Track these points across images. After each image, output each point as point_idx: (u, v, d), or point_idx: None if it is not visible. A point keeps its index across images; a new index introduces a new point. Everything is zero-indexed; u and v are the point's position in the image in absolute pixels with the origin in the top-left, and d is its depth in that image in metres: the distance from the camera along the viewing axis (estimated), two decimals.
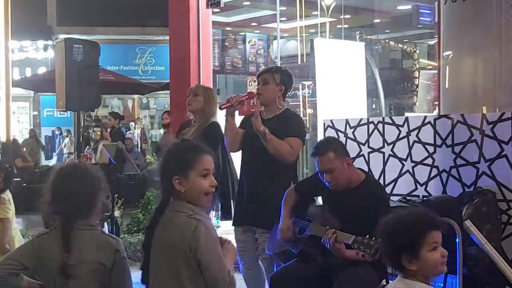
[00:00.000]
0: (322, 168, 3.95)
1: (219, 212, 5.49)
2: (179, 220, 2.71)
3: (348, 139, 5.73)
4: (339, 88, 7.95)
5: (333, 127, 5.92)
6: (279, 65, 6.32)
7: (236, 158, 5.12)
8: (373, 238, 3.53)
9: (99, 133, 12.23)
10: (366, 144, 5.62)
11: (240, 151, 4.78)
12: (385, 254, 2.69)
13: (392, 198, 5.33)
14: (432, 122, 5.19)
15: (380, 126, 5.55)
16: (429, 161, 5.21)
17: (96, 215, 2.98)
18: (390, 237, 2.61)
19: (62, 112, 12.37)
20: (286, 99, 4.82)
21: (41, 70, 16.95)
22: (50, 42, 16.57)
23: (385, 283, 4.05)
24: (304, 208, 4.24)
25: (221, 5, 7.90)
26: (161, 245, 2.73)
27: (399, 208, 3.90)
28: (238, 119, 4.90)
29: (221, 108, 4.93)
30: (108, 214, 5.87)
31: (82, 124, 8.57)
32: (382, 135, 5.52)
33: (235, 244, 2.94)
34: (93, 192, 2.93)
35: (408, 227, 2.56)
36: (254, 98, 4.72)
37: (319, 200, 4.50)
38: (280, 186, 4.39)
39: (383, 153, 5.51)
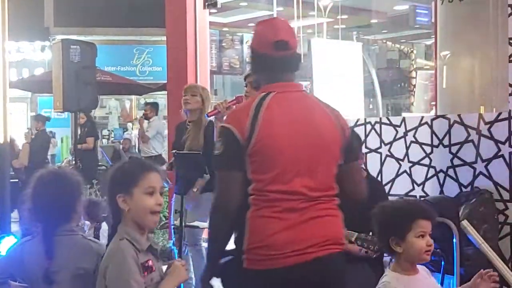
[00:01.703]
0: None
1: None
2: (111, 245, 2.68)
3: None
4: (336, 88, 7.95)
5: None
6: None
7: None
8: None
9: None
10: (363, 145, 5.62)
11: None
12: (377, 235, 2.95)
13: (389, 198, 5.34)
14: (429, 122, 5.20)
15: (377, 126, 5.55)
16: (426, 161, 5.22)
17: (77, 220, 2.99)
18: (383, 219, 2.83)
19: (59, 113, 12.33)
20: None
21: (38, 71, 16.92)
22: (47, 43, 16.54)
23: None
24: None
25: (218, 6, 7.88)
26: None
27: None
28: None
29: (208, 116, 4.92)
30: (105, 215, 5.85)
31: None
32: (379, 135, 5.52)
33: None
34: (73, 198, 2.92)
35: (400, 211, 2.80)
36: (242, 102, 4.67)
37: None
38: None
39: (380, 153, 5.51)
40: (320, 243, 2.71)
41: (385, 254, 4.16)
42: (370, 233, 3.57)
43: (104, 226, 5.78)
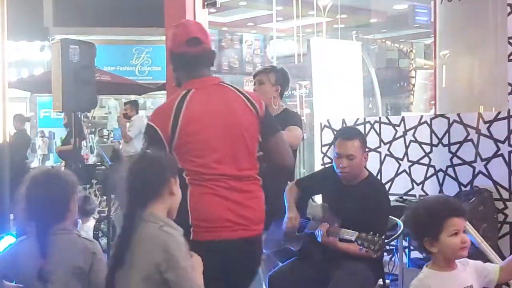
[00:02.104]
0: (345, 152, 3.91)
1: None
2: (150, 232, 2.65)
3: None
4: (336, 88, 7.95)
5: (329, 126, 5.92)
6: (275, 64, 6.26)
7: None
8: (377, 234, 3.53)
9: None
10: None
11: None
12: (411, 236, 2.97)
13: (389, 198, 5.35)
14: (429, 122, 5.20)
15: (376, 125, 5.55)
16: (425, 160, 5.22)
17: (71, 219, 2.98)
18: (415, 221, 2.78)
19: (58, 113, 12.30)
20: (283, 98, 4.81)
21: (38, 71, 16.91)
22: (46, 43, 16.54)
23: (382, 283, 4.06)
24: (303, 206, 4.23)
25: (217, 6, 7.87)
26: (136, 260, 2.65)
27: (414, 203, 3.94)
28: None
29: None
30: (105, 215, 5.86)
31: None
32: (379, 134, 5.52)
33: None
34: (66, 197, 2.93)
35: (430, 212, 2.72)
36: None
37: (317, 199, 4.49)
38: (278, 186, 4.37)
39: (380, 152, 5.52)
40: (251, 219, 3.09)
41: (385, 254, 4.18)
42: (371, 232, 3.56)
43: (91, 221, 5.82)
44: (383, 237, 3.55)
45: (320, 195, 4.30)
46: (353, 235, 3.63)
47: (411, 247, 5.05)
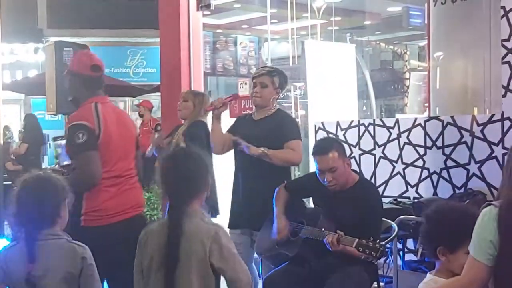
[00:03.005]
0: (325, 166, 3.91)
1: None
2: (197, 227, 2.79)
3: None
4: (330, 90, 7.96)
5: (324, 129, 5.93)
6: (273, 66, 6.23)
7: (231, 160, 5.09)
8: (377, 241, 3.50)
9: None
10: (357, 146, 5.63)
11: (229, 153, 4.76)
12: (424, 237, 2.77)
13: (383, 200, 5.34)
14: (423, 124, 5.21)
15: (370, 128, 5.56)
16: (419, 162, 5.23)
17: (62, 224, 2.97)
18: (438, 228, 2.68)
19: (53, 115, 12.27)
20: (278, 100, 4.79)
21: (32, 73, 16.85)
22: (40, 45, 16.49)
23: (376, 285, 4.06)
24: (295, 209, 4.22)
25: (211, 8, 7.87)
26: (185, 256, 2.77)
27: (452, 203, 3.79)
28: (230, 121, 4.90)
29: (206, 110, 5.02)
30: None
31: None
32: (373, 137, 5.53)
33: None
34: (56, 202, 2.92)
35: (459, 225, 2.63)
36: (237, 100, 4.71)
37: (310, 202, 4.49)
38: (275, 188, 4.37)
39: (374, 155, 5.52)
40: (134, 205, 3.77)
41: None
42: (371, 239, 3.53)
43: None
44: (377, 240, 3.54)
45: (311, 198, 4.30)
46: (353, 243, 3.60)
47: (405, 250, 5.06)
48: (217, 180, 5.35)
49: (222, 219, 5.23)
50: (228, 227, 4.68)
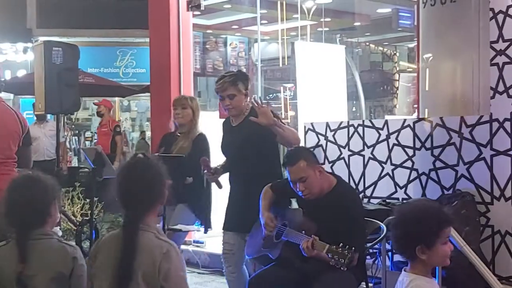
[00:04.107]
0: (295, 177, 3.93)
1: (200, 225, 5.44)
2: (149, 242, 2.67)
3: (328, 142, 5.75)
4: (320, 91, 7.97)
5: (313, 130, 5.93)
6: (228, 71, 6.05)
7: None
8: (347, 247, 3.51)
9: None
10: (346, 147, 5.64)
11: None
12: (399, 242, 2.80)
13: (372, 201, 5.36)
14: (412, 125, 5.22)
15: (360, 129, 5.57)
16: (408, 164, 5.24)
17: (52, 223, 2.96)
18: (409, 229, 2.72)
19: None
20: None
21: (21, 72, 16.79)
22: (30, 45, 16.41)
23: (365, 286, 4.06)
24: (279, 211, 4.23)
25: (201, 8, 7.87)
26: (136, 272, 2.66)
27: (411, 203, 3.86)
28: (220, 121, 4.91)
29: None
30: (87, 218, 5.83)
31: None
32: (362, 138, 5.54)
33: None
34: (46, 201, 2.91)
35: (428, 220, 2.69)
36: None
37: (295, 203, 4.49)
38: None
39: (363, 156, 5.54)
40: None
41: (368, 257, 4.18)
42: (340, 245, 3.54)
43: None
44: (353, 249, 3.53)
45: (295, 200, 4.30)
46: (324, 249, 3.61)
47: (394, 250, 5.07)
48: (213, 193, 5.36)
49: (215, 223, 5.27)
50: (223, 229, 4.69)
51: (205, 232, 5.45)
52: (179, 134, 5.40)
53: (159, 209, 2.87)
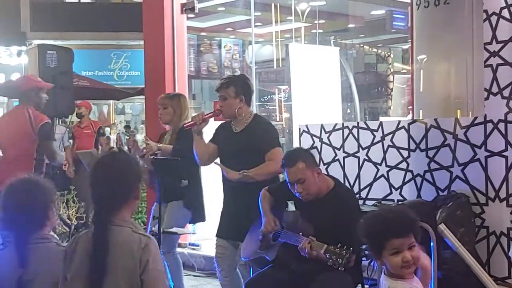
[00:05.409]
0: (293, 178, 3.94)
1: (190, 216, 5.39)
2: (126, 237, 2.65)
3: (323, 144, 5.75)
4: (314, 93, 7.98)
5: (308, 132, 5.93)
6: (232, 74, 6.08)
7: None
8: (345, 247, 3.52)
9: None
10: (341, 149, 5.64)
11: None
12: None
13: (367, 202, 5.36)
14: (406, 127, 5.23)
15: (354, 131, 5.57)
16: (403, 165, 5.25)
17: (50, 227, 2.96)
18: (362, 237, 2.78)
19: None
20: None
21: (15, 76, 16.77)
22: (24, 48, 16.40)
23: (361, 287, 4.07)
24: (276, 213, 4.23)
25: (195, 11, 7.87)
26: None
27: (375, 211, 3.90)
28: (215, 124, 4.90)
29: (185, 127, 4.86)
30: (83, 222, 5.82)
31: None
32: (357, 139, 5.54)
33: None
34: (45, 205, 2.91)
35: (372, 230, 2.71)
36: (219, 115, 4.65)
37: (291, 206, 4.50)
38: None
39: (358, 157, 5.54)
40: None
41: (364, 258, 4.19)
42: (339, 245, 3.54)
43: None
44: (351, 249, 3.54)
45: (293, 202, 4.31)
46: (321, 249, 3.61)
47: None
48: (204, 187, 5.37)
49: (210, 226, 5.26)
50: (216, 236, 4.70)
51: (195, 222, 5.52)
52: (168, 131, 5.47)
53: (135, 204, 2.82)
